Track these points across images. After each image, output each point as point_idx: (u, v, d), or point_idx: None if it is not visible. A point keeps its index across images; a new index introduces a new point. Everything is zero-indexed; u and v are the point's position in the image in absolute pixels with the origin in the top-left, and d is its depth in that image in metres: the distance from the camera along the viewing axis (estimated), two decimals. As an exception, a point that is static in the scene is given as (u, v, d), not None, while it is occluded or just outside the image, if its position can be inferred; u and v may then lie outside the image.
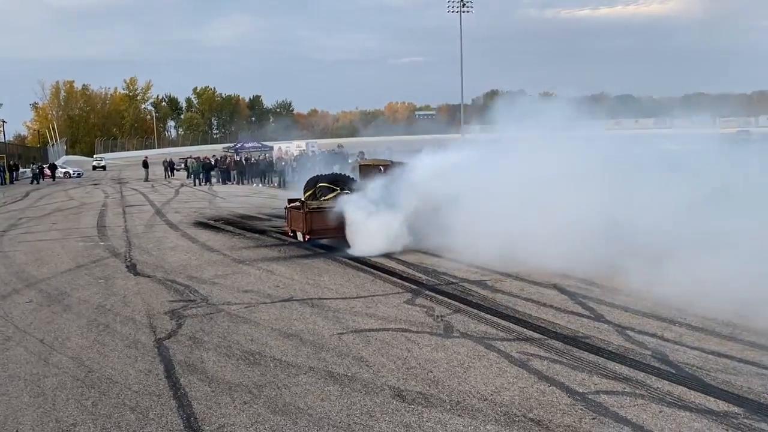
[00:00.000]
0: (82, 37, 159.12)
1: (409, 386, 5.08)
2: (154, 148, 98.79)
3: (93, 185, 40.62)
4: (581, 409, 4.54)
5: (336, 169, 36.90)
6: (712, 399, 4.65)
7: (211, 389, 5.12)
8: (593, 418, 4.39)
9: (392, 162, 12.78)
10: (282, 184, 32.93)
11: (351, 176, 13.05)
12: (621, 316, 6.91)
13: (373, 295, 8.28)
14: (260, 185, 34.30)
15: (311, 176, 13.18)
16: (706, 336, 6.18)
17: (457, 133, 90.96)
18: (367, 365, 5.60)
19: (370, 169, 13.18)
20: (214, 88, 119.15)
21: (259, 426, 4.41)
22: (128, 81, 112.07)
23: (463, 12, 74.40)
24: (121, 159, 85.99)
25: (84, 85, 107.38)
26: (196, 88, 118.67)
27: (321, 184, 12.40)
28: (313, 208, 11.89)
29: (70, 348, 6.33)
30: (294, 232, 12.52)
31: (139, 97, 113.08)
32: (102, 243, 13.94)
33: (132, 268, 10.70)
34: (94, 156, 78.19)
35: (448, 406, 4.66)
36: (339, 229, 11.57)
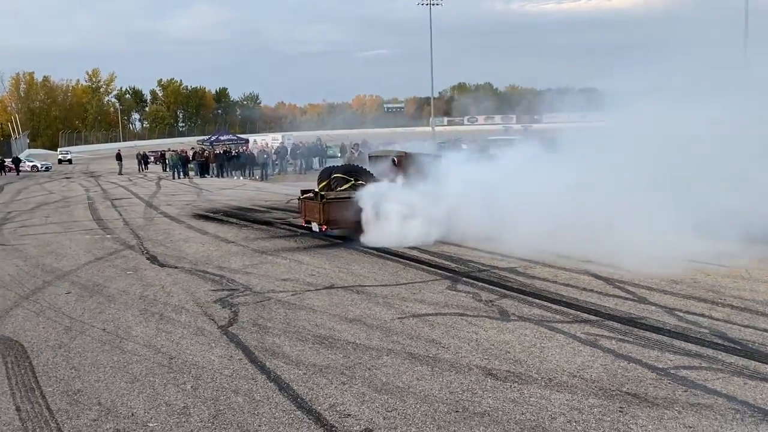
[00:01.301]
0: (42, 27, 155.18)
1: (495, 365, 5.28)
2: (120, 141, 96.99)
3: (66, 179, 39.83)
4: (669, 383, 4.80)
5: (316, 162, 36.99)
6: (788, 371, 4.96)
7: (302, 371, 5.25)
8: (685, 391, 4.65)
9: (406, 153, 12.92)
10: (264, 177, 32.81)
11: (364, 167, 13.14)
12: (662, 299, 7.21)
13: (413, 282, 8.46)
14: (241, 178, 34.11)
15: (325, 167, 13.26)
16: (751, 315, 6.50)
17: (426, 126, 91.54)
18: (443, 347, 5.78)
19: (382, 160, 13.31)
20: (180, 81, 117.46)
21: (369, 404, 4.56)
22: (91, 73, 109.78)
23: (433, 5, 74.46)
24: (87, 152, 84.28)
25: (45, 76, 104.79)
26: (161, 80, 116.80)
27: (336, 175, 12.50)
28: (330, 199, 11.99)
29: (138, 336, 6.37)
30: (309, 222, 12.60)
31: (102, 89, 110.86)
32: (109, 236, 13.83)
33: (154, 260, 10.68)
34: (59, 149, 76.45)
35: (543, 383, 4.87)
36: (356, 219, 11.68)
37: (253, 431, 4.19)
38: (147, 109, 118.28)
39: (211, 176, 36.42)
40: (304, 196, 12.93)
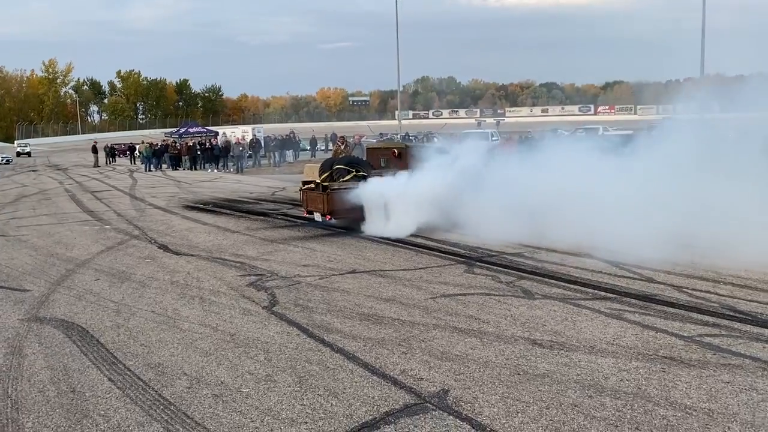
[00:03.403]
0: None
1: (537, 336, 5.80)
2: (78, 134, 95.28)
3: (33, 172, 39.21)
4: (699, 348, 5.38)
5: (290, 155, 37.03)
6: (799, 336, 5.59)
7: (361, 344, 5.68)
8: (714, 354, 5.24)
9: (407, 146, 13.36)
10: (240, 170, 32.87)
11: (365, 159, 13.53)
12: (668, 278, 7.83)
13: (430, 267, 8.93)
14: (216, 171, 34.09)
15: (326, 159, 13.62)
16: (753, 291, 7.16)
17: (392, 120, 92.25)
18: (483, 321, 6.27)
19: (381, 152, 13.74)
20: (139, 72, 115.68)
21: (437, 369, 5.02)
22: (47, 63, 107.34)
23: (398, -1, 74.75)
24: (46, 145, 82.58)
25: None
26: (119, 71, 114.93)
27: (338, 166, 12.88)
28: (334, 189, 12.37)
29: (190, 317, 6.70)
30: (311, 212, 12.97)
31: (59, 81, 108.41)
32: (108, 227, 13.97)
33: (166, 249, 10.93)
34: (17, 142, 74.80)
35: (586, 350, 5.40)
36: (358, 209, 12.08)
37: (341, 392, 4.61)
38: (106, 101, 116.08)
39: (184, 169, 36.30)
40: (306, 187, 13.28)
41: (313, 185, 13.11)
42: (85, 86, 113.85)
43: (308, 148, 42.41)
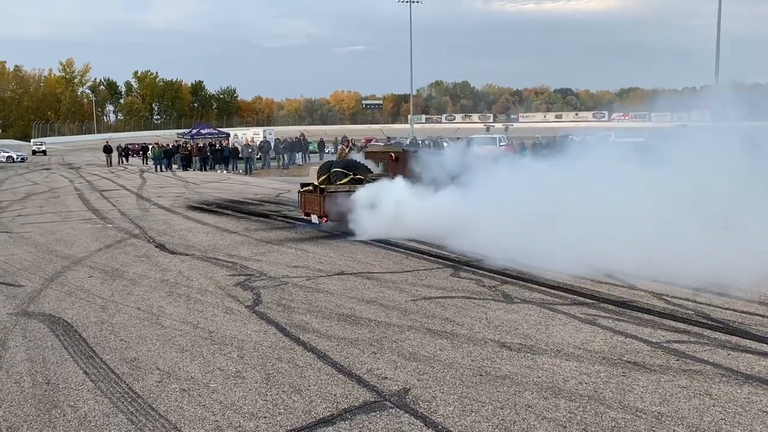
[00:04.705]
0: (14, 15, 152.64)
1: (507, 339, 5.90)
2: (94, 133, 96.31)
3: (46, 170, 39.75)
4: (663, 354, 5.46)
5: (299, 158, 37.33)
6: (765, 345, 5.65)
7: (334, 343, 5.81)
8: (677, 360, 5.32)
9: (404, 150, 13.50)
10: (249, 171, 33.15)
11: (363, 163, 13.68)
12: (650, 285, 7.89)
13: (417, 270, 9.05)
14: (225, 172, 34.40)
15: (324, 162, 13.78)
16: (731, 300, 7.21)
17: (405, 124, 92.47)
18: (458, 324, 6.38)
19: (378, 156, 13.87)
20: (156, 73, 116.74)
21: (402, 369, 5.14)
22: (65, 63, 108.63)
23: (413, 2, 75.29)
24: (61, 144, 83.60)
25: (16, 66, 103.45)
26: (136, 71, 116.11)
27: (335, 169, 13.04)
28: (330, 192, 12.53)
29: (173, 314, 6.86)
30: (308, 214, 13.13)
31: (76, 80, 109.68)
32: (110, 225, 14.21)
33: (163, 248, 11.13)
34: (33, 141, 75.77)
35: (552, 354, 5.50)
36: (353, 212, 12.21)
37: (305, 389, 4.74)
38: (122, 101, 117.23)
39: (194, 170, 36.67)
40: (304, 189, 13.45)
41: (311, 188, 13.28)
42: (102, 86, 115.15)
43: (317, 150, 42.70)
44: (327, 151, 42.75)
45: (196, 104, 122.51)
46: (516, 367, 5.19)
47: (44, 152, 66.46)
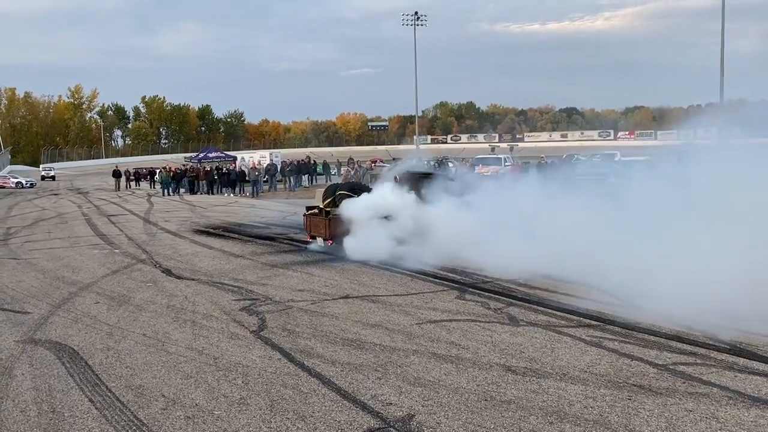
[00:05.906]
0: (24, 43, 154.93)
1: (512, 363, 5.88)
2: (102, 158, 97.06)
3: (54, 195, 39.97)
4: (670, 376, 5.43)
5: (305, 180, 37.44)
6: (772, 366, 5.62)
7: (339, 369, 5.80)
8: (683, 382, 5.29)
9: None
10: (255, 194, 33.28)
11: (368, 185, 13.72)
12: (655, 305, 7.85)
13: (423, 293, 9.04)
14: (232, 195, 34.56)
15: (330, 185, 13.83)
16: (740, 321, 7.16)
17: (410, 144, 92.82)
18: (463, 348, 6.37)
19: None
20: (163, 97, 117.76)
21: (407, 395, 5.13)
22: (73, 89, 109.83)
23: (418, 25, 75.89)
24: (70, 169, 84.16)
25: (26, 92, 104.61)
26: (144, 96, 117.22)
27: (340, 192, 13.07)
28: (335, 215, 12.57)
29: (179, 341, 6.88)
30: (314, 237, 13.16)
31: (84, 106, 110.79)
32: (117, 250, 14.26)
33: (169, 273, 11.16)
34: (42, 166, 76.39)
35: (558, 377, 5.48)
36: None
37: (309, 416, 4.74)
38: (129, 126, 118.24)
39: (201, 193, 36.85)
40: (310, 212, 13.50)
41: (316, 210, 13.33)
42: (110, 111, 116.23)
43: (322, 172, 42.90)
44: (334, 173, 42.91)
45: (203, 128, 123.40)
46: (521, 391, 5.17)
47: (53, 177, 66.93)
